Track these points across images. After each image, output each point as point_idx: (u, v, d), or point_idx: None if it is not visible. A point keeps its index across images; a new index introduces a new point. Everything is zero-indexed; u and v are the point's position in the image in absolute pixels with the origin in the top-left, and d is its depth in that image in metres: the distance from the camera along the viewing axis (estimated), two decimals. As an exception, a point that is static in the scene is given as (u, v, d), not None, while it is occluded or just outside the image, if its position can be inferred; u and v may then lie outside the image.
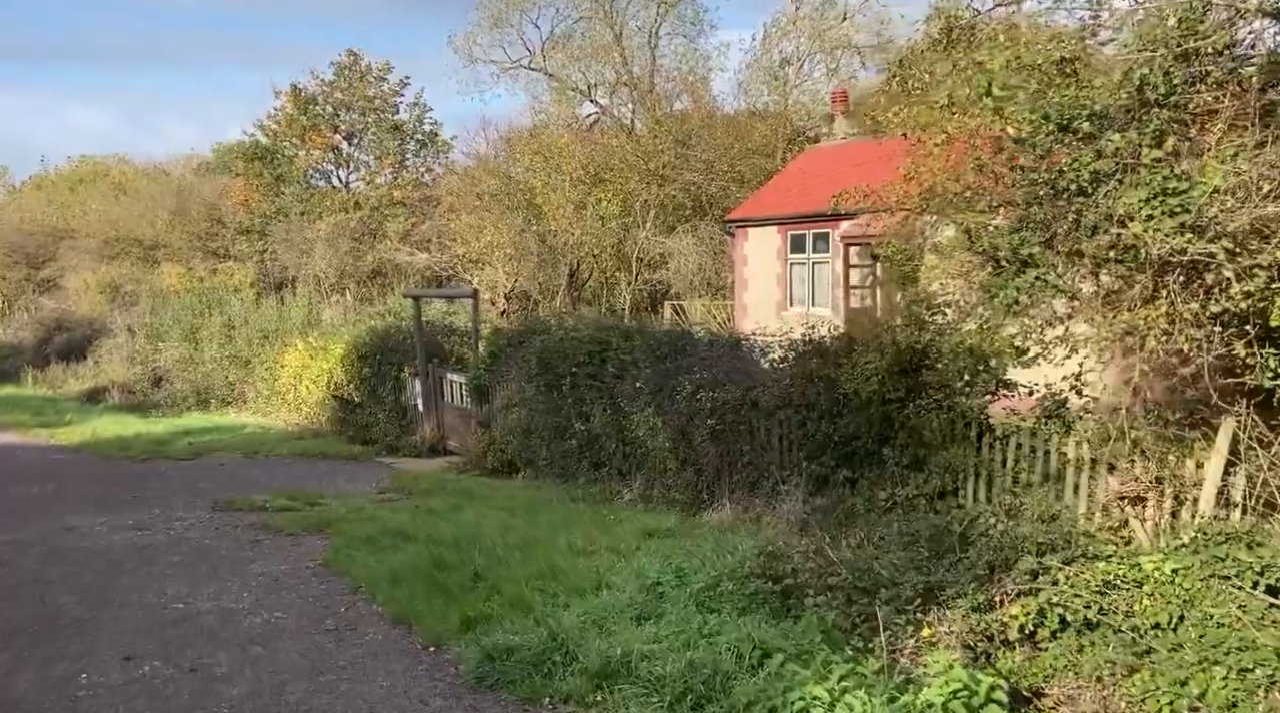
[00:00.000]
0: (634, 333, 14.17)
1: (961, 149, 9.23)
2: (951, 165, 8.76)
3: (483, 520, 11.53)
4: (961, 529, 8.73)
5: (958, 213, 8.15)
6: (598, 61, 37.42)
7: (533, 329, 15.86)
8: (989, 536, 8.14)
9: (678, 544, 9.85)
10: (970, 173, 8.00)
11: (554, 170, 35.63)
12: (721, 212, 33.94)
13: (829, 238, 23.96)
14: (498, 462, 15.94)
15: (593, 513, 12.03)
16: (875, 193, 10.47)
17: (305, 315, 27.09)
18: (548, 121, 38.73)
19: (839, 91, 28.08)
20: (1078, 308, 7.31)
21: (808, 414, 11.01)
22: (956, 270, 8.32)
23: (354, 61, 49.68)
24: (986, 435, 9.59)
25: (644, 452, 13.14)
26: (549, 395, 14.71)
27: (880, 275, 23.06)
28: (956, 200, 8.16)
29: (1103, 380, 9.16)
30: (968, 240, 7.76)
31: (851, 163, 25.53)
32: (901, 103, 9.77)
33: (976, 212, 7.69)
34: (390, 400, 19.75)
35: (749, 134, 34.92)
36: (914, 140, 9.71)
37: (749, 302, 25.78)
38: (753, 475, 11.68)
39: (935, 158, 9.11)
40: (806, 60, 39.06)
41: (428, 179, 50.22)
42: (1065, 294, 7.17)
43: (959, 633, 6.47)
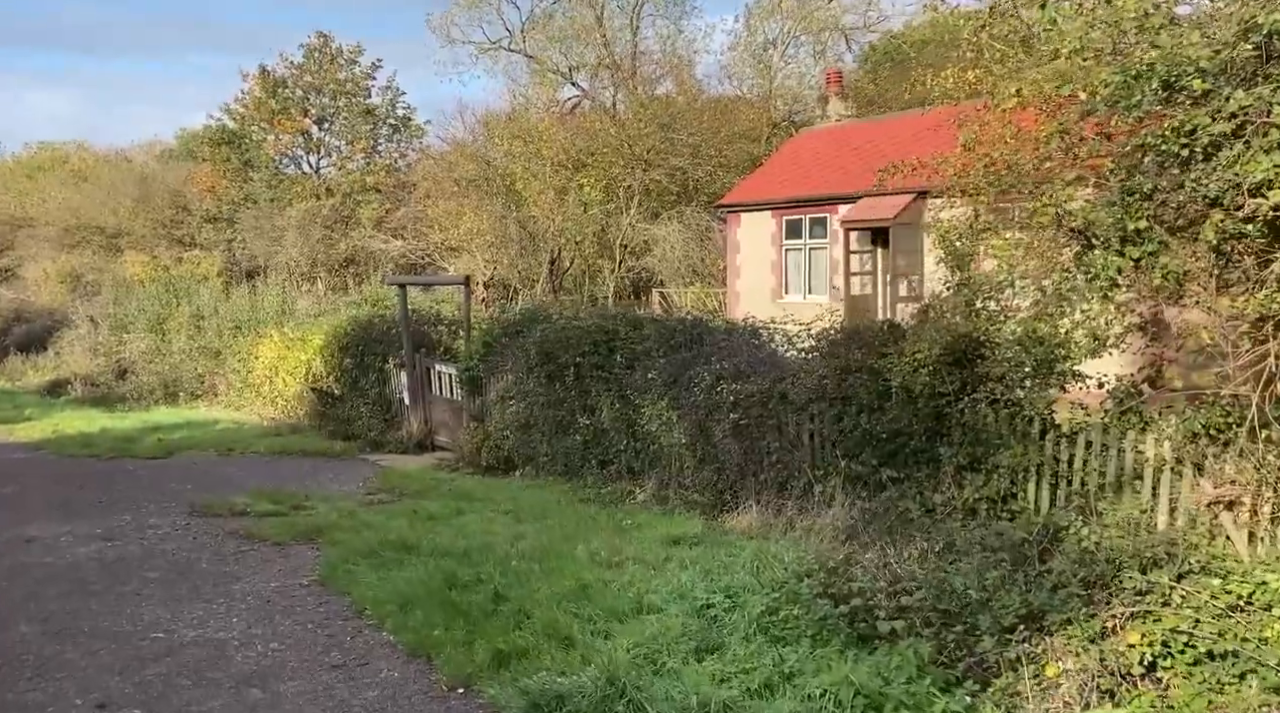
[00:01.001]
0: (644, 321, 13.22)
1: (1028, 117, 8.33)
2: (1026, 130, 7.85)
3: (489, 527, 10.56)
4: (1037, 538, 7.91)
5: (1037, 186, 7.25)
6: (579, 43, 36.33)
7: (532, 317, 14.86)
8: (1075, 547, 7.29)
9: (709, 554, 8.93)
10: (1054, 139, 7.08)
11: (534, 155, 34.55)
12: (708, 197, 33.03)
13: (827, 222, 23.11)
14: (493, 459, 14.94)
15: (607, 517, 11.07)
16: (928, 166, 9.52)
17: (279, 304, 25.87)
18: (527, 105, 37.59)
19: (833, 72, 27.22)
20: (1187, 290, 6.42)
21: (844, 409, 10.12)
22: (1032, 250, 7.41)
23: (324, 44, 48.25)
24: (1051, 433, 8.73)
25: (657, 448, 12.20)
26: (550, 388, 13.73)
27: (881, 261, 22.24)
28: (1035, 173, 7.25)
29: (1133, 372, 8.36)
30: (1054, 216, 6.85)
31: (848, 145, 24.70)
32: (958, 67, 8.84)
33: (1065, 183, 6.79)
34: (374, 394, 18.67)
35: (735, 118, 33.99)
36: (980, 106, 8.80)
37: (741, 289, 24.89)
38: (781, 475, 10.77)
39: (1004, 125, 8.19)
40: (791, 43, 38.19)
41: (401, 165, 48.94)
42: (1175, 274, 6.28)
43: (1086, 670, 5.57)
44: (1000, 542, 8.09)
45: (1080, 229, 6.90)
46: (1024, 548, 7.92)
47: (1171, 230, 6.28)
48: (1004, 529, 8.34)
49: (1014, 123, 7.93)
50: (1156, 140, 6.45)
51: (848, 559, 7.56)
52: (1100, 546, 7.08)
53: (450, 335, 18.02)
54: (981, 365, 9.06)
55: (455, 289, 26.77)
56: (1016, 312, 9.29)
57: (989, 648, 5.81)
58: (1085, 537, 7.26)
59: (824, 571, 7.32)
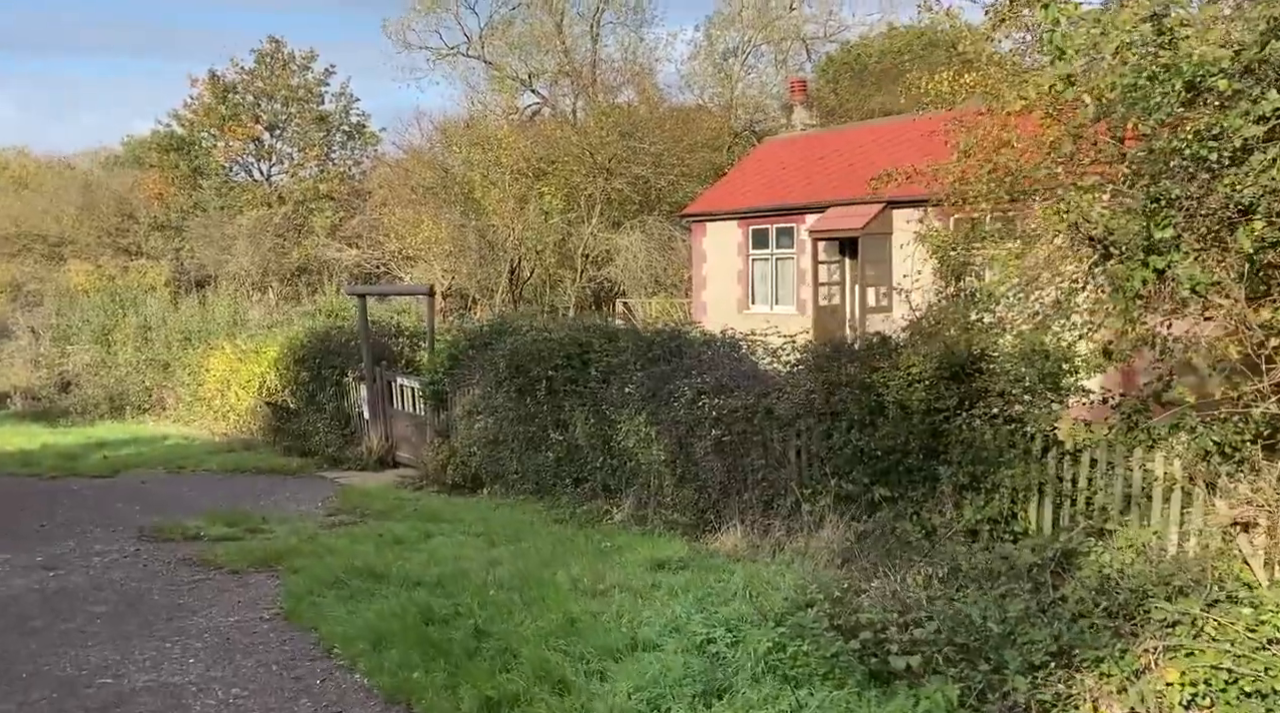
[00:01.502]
0: (619, 333, 12.73)
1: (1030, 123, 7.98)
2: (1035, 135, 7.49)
3: (461, 552, 9.99)
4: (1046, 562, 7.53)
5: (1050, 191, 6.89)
6: (538, 50, 35.86)
7: (500, 329, 14.30)
8: (1094, 573, 6.92)
9: (698, 580, 8.45)
10: (1067, 143, 6.72)
11: (493, 163, 33.99)
12: (671, 206, 32.68)
13: (794, 232, 22.79)
14: (459, 476, 14.36)
15: (584, 539, 10.55)
16: (924, 174, 9.15)
17: (231, 315, 25.01)
18: (486, 112, 37.01)
19: (797, 80, 26.98)
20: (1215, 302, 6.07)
21: (834, 424, 9.71)
22: (1042, 261, 7.04)
23: (276, 49, 47.32)
24: (1054, 450, 8.37)
25: (635, 466, 11.71)
26: (521, 402, 13.19)
27: (850, 271, 21.96)
28: (1047, 179, 6.88)
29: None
30: (1072, 224, 6.48)
31: (814, 154, 24.43)
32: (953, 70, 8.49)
33: (1084, 189, 6.42)
34: (332, 408, 17.98)
35: (697, 127, 33.68)
36: (974, 112, 8.44)
37: (708, 299, 24.49)
38: (767, 494, 10.34)
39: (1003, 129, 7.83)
40: (751, 52, 38.00)
41: (356, 172, 48.08)
42: (1204, 285, 5.92)
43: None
44: (1005, 567, 7.73)
45: (1099, 238, 6.53)
46: (1033, 574, 7.56)
47: (1200, 239, 5.91)
48: (1009, 553, 7.96)
49: (1018, 128, 7.57)
50: (1182, 144, 6.09)
51: (853, 588, 7.12)
52: (1122, 572, 6.70)
53: (412, 347, 17.41)
54: (980, 380, 8.70)
55: (415, 300, 26.12)
56: (1014, 324, 8.97)
57: (1022, 689, 5.38)
58: (1107, 563, 6.88)
59: (829, 600, 6.87)
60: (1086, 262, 6.68)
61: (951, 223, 9.36)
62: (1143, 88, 6.67)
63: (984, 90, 8.08)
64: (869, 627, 6.52)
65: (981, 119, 8.69)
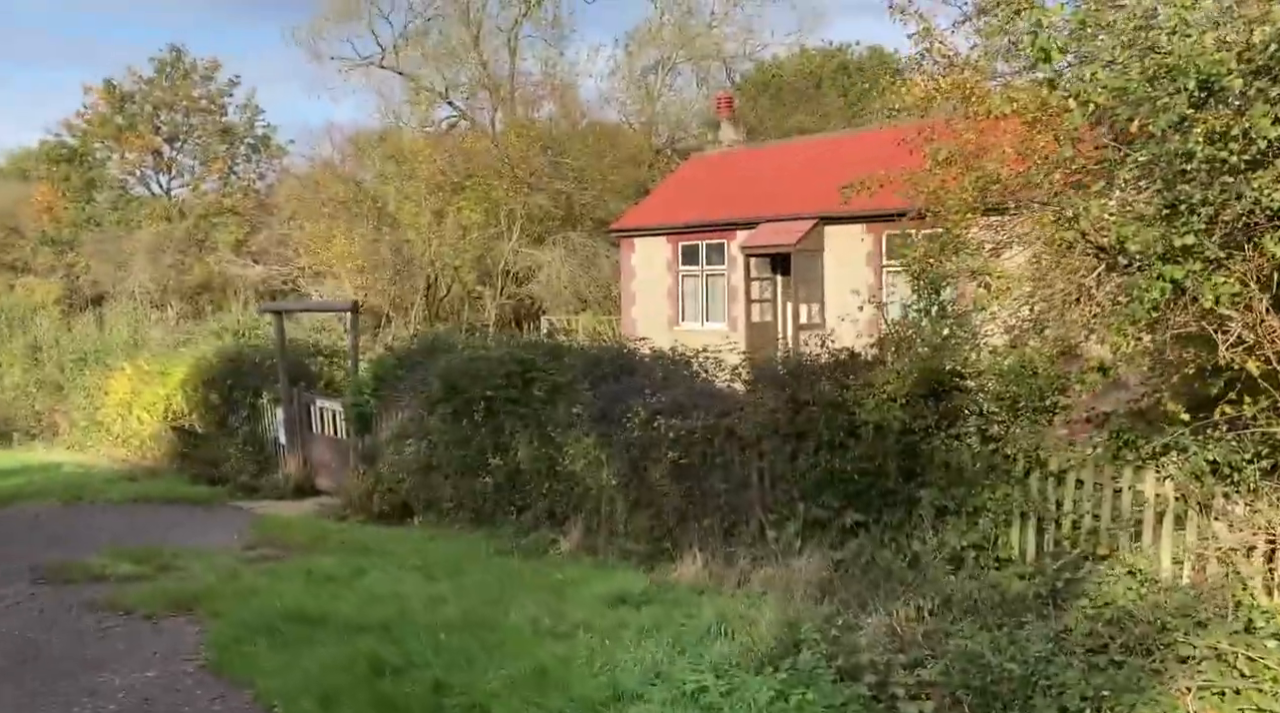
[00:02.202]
0: (564, 350, 12.06)
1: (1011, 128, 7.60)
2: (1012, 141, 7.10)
3: (400, 588, 9.20)
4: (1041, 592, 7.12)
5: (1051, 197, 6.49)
6: (455, 62, 34.98)
7: (432, 347, 13.52)
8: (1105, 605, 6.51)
9: (666, 617, 7.85)
10: (1066, 147, 6.34)
11: (408, 176, 33.03)
12: (594, 222, 32.13)
13: (724, 248, 22.42)
14: (386, 505, 13.48)
15: (532, 571, 9.86)
16: (892, 181, 8.72)
17: (131, 335, 23.56)
18: (399, 123, 36.01)
19: (724, 96, 26.72)
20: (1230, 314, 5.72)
21: (800, 445, 9.20)
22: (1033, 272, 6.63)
23: (176, 58, 45.48)
24: (1036, 471, 7.99)
25: (583, 491, 11.04)
26: (456, 425, 12.41)
27: (782, 288, 21.66)
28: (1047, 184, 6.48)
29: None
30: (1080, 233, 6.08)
31: (744, 170, 24.12)
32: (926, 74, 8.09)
33: (1093, 194, 6.03)
34: (245, 432, 16.89)
35: (620, 143, 33.22)
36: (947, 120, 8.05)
37: (637, 316, 23.94)
38: (728, 520, 9.78)
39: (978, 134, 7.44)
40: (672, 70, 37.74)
41: (261, 186, 46.43)
42: (1228, 295, 5.56)
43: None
44: (997, 597, 7.29)
45: (1106, 248, 6.14)
46: (1028, 604, 7.14)
47: (1224, 246, 5.54)
48: (998, 581, 7.54)
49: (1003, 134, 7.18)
50: (1196, 146, 5.73)
51: (847, 624, 6.58)
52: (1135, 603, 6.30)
53: (333, 367, 16.45)
54: (959, 397, 8.28)
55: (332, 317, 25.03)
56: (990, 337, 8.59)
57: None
58: (1106, 592, 6.47)
59: (825, 640, 6.32)
60: (1090, 272, 6.27)
61: (919, 235, 8.92)
62: (1136, 90, 6.34)
63: (964, 95, 7.67)
64: (871, 668, 6.01)
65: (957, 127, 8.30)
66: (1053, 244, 6.34)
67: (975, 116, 7.29)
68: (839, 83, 42.39)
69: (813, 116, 37.88)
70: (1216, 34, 6.16)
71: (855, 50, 45.71)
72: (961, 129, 8.02)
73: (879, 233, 19.60)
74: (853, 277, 20.04)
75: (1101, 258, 6.16)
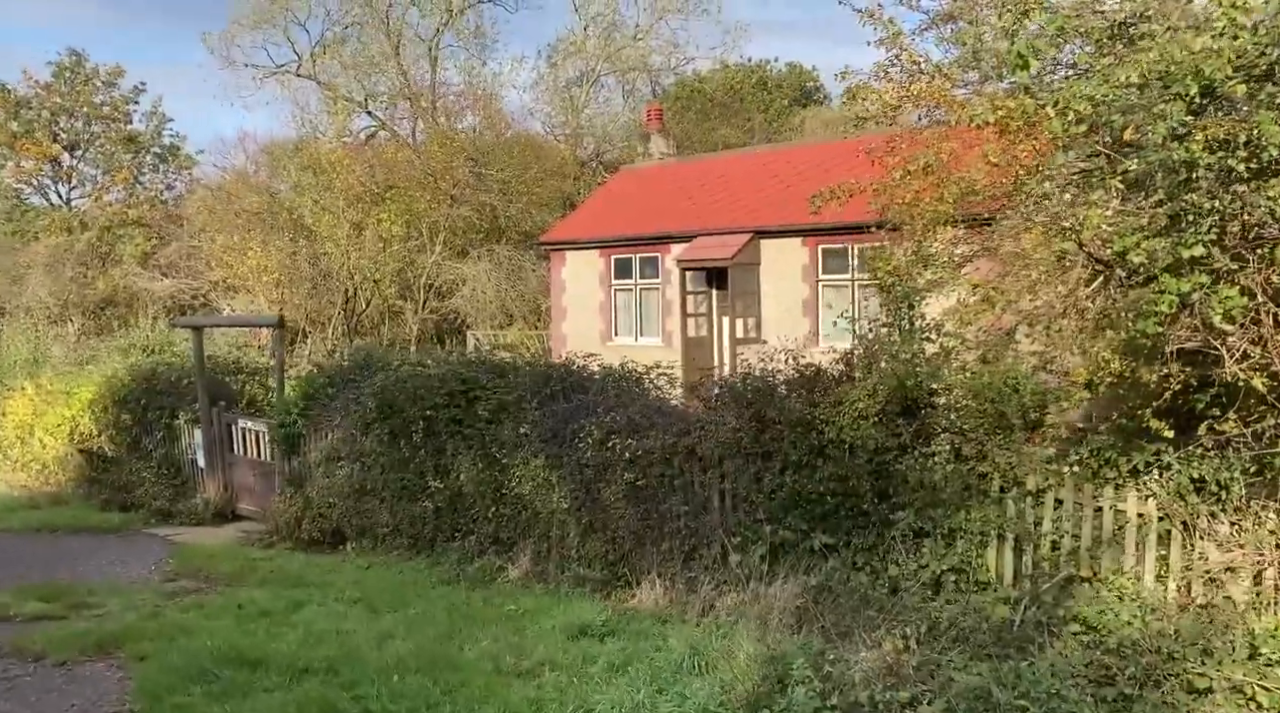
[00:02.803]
0: (508, 367, 11.53)
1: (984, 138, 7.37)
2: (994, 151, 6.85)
3: (342, 624, 8.58)
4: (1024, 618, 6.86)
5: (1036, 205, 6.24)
6: (374, 71, 34.10)
7: (366, 363, 12.85)
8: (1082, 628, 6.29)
9: (635, 651, 7.43)
10: (1058, 156, 6.10)
11: (325, 187, 31.99)
12: (520, 234, 31.56)
13: (658, 262, 22.09)
14: (316, 531, 12.75)
15: (482, 602, 9.33)
16: (862, 191, 8.42)
17: (31, 352, 22.23)
18: (316, 133, 34.95)
19: (654, 108, 26.45)
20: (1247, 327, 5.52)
21: (765, 465, 8.85)
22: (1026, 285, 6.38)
23: (77, 63, 43.55)
24: (1013, 490, 7.75)
25: (532, 515, 10.53)
26: (393, 447, 11.78)
27: (717, 302, 21.39)
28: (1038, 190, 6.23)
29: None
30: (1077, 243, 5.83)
31: (676, 183, 23.85)
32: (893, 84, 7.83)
33: (1089, 204, 5.78)
34: (160, 455, 15.92)
35: (545, 155, 32.71)
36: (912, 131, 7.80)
37: (568, 331, 23.45)
38: (688, 544, 9.37)
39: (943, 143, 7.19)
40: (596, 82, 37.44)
41: (169, 197, 44.69)
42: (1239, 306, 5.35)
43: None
44: (982, 623, 7.02)
45: (1105, 260, 5.90)
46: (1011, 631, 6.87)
47: (1234, 257, 5.33)
48: (980, 606, 7.26)
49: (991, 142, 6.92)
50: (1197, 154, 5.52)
51: (839, 658, 6.21)
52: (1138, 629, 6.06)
53: (256, 386, 15.61)
54: (934, 415, 8.01)
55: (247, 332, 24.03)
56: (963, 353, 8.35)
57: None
58: (1113, 620, 6.23)
59: (818, 676, 5.93)
60: (1085, 284, 6.03)
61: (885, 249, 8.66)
62: (1117, 99, 6.15)
63: (937, 102, 7.43)
64: (871, 707, 5.64)
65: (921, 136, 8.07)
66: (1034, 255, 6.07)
67: (953, 125, 7.01)
68: (758, 98, 42.63)
69: (737, 131, 37.92)
70: (1203, 40, 6.00)
71: (774, 67, 46.11)
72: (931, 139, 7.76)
73: (815, 247, 19.47)
74: (789, 291, 19.89)
75: (1099, 270, 5.91)
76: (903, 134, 8.17)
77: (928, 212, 7.29)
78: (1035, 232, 6.26)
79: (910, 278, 7.99)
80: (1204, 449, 6.82)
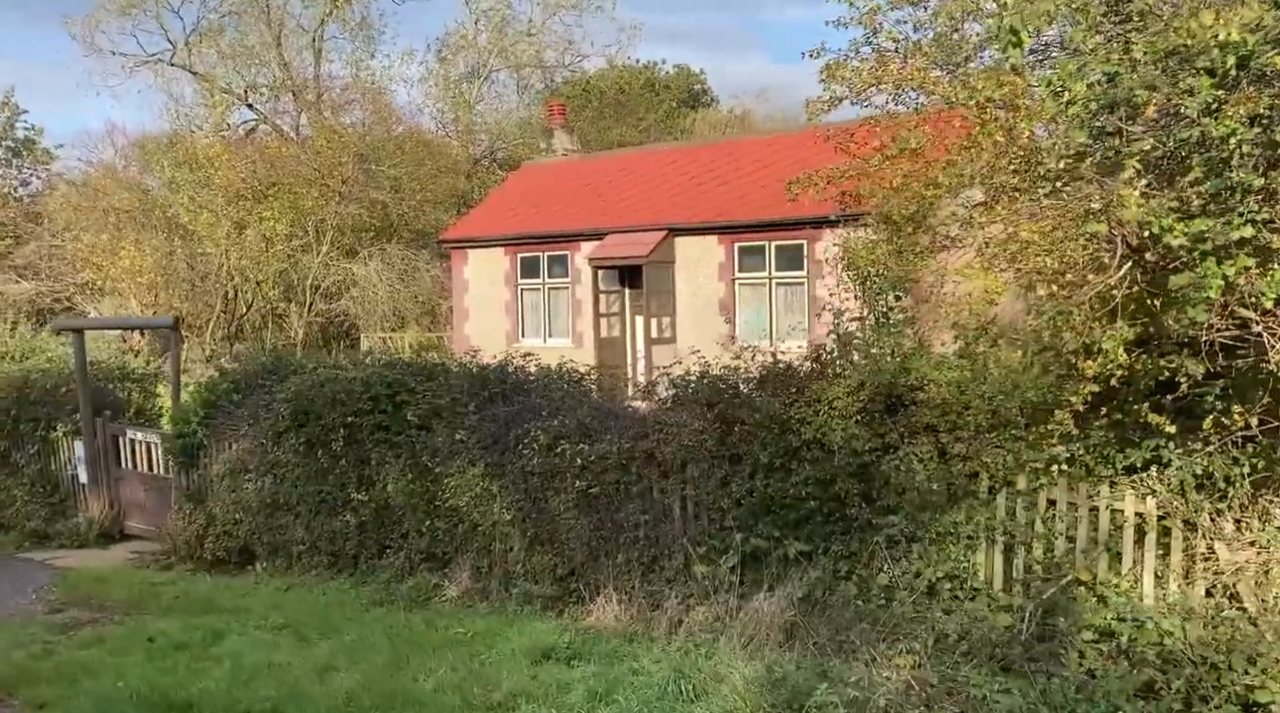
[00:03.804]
0: (438, 370, 10.72)
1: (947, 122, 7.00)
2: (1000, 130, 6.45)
3: (274, 656, 7.68)
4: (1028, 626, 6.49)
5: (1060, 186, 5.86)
6: (255, 63, 32.43)
7: (276, 368, 11.82)
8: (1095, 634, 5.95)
9: (611, 676, 6.80)
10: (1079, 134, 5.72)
11: (203, 183, 30.23)
12: (413, 233, 30.44)
13: (568, 261, 21.42)
14: (222, 550, 11.67)
15: (425, 626, 8.52)
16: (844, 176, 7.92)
17: (-123, 360, 20.12)
18: (192, 127, 33.05)
19: (556, 104, 25.78)
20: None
21: (733, 469, 8.31)
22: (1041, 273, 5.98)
23: (-82, 49, 40.31)
24: (1003, 490, 7.39)
25: (469, 528, 9.75)
26: (310, 456, 10.83)
27: (630, 301, 20.84)
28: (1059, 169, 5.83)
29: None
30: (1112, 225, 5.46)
31: (583, 180, 23.22)
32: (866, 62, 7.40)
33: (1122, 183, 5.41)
34: (34, 471, 14.46)
35: (439, 151, 31.62)
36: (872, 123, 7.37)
37: (471, 332, 22.57)
38: (647, 555, 8.76)
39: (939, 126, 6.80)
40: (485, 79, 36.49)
41: (24, 193, 41.72)
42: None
43: None
44: (986, 633, 6.61)
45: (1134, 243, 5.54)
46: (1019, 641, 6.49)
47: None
48: (980, 615, 6.87)
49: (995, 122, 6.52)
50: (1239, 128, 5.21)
51: (862, 682, 5.69)
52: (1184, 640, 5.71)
53: (145, 394, 14.32)
54: (919, 412, 7.59)
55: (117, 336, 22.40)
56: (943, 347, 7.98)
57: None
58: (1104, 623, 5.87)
59: (843, 703, 5.40)
60: (1115, 270, 5.66)
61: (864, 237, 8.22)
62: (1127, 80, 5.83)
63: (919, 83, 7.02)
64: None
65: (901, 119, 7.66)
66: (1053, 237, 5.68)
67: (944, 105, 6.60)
68: (647, 99, 42.32)
69: (632, 130, 37.49)
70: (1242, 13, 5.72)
71: (663, 69, 45.90)
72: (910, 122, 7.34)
73: (731, 244, 19.11)
74: (705, 289, 19.48)
75: (1127, 255, 5.54)
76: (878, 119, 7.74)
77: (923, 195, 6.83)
78: (1049, 215, 5.86)
79: (890, 268, 7.56)
80: (1209, 444, 6.55)
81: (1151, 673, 5.42)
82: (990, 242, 6.15)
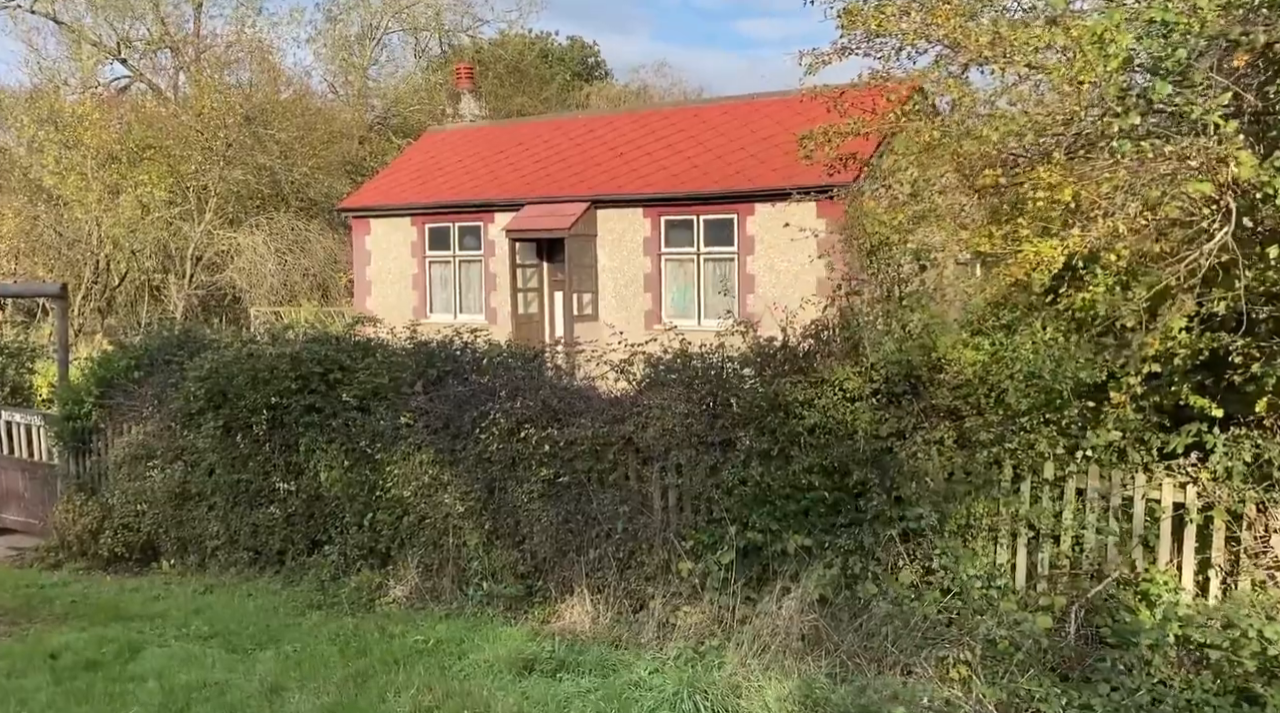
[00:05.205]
0: (375, 346, 9.64)
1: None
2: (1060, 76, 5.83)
3: (209, 674, 6.60)
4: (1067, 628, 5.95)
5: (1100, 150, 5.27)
6: (129, 14, 30.04)
7: (185, 342, 10.52)
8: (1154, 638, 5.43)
9: (606, 690, 6.09)
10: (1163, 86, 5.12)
11: (70, 144, 27.85)
12: (305, 201, 28.73)
13: (480, 232, 20.31)
14: (121, 545, 10.37)
15: (378, 633, 7.51)
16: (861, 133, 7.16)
17: None
18: (57, 81, 30.47)
19: (464, 66, 24.50)
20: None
21: (725, 457, 7.56)
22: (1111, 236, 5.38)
23: None
24: (1029, 479, 6.84)
25: (416, 521, 8.76)
26: (228, 441, 9.64)
27: (549, 276, 19.86)
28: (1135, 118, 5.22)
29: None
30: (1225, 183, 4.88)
31: (495, 148, 22.08)
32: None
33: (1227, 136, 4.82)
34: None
35: (332, 116, 29.88)
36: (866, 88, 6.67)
37: (374, 306, 21.25)
38: (623, 551, 7.94)
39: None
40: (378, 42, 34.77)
41: None
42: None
43: None
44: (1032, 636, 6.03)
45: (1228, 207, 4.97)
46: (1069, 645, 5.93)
47: None
48: (1018, 615, 6.28)
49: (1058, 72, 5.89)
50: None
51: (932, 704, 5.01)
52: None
53: (21, 370, 12.74)
54: (935, 393, 6.97)
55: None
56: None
57: None
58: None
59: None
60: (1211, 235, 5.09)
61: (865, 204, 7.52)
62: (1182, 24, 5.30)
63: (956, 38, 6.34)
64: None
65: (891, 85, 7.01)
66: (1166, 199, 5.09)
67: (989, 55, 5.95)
68: (541, 71, 41.14)
69: (533, 99, 36.30)
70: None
71: (556, 40, 44.72)
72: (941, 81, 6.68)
73: (658, 217, 18.34)
74: (629, 264, 18.68)
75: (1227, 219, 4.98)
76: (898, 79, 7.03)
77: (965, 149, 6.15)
78: (1119, 173, 5.26)
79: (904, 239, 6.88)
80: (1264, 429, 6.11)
81: (1249, 683, 4.89)
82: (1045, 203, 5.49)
